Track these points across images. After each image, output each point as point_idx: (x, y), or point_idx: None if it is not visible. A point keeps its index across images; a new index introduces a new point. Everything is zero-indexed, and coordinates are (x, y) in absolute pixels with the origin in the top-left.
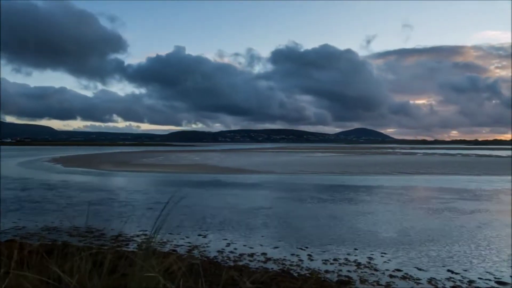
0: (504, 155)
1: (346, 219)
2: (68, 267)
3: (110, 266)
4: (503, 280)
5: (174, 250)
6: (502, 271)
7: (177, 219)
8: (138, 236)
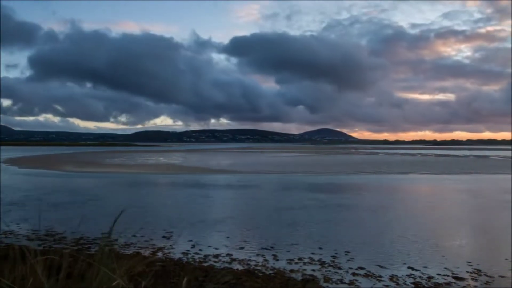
0: (461, 155)
1: (311, 219)
2: (22, 271)
3: (68, 269)
4: (460, 276)
5: (137, 252)
6: (458, 267)
7: (141, 221)
8: (100, 238)
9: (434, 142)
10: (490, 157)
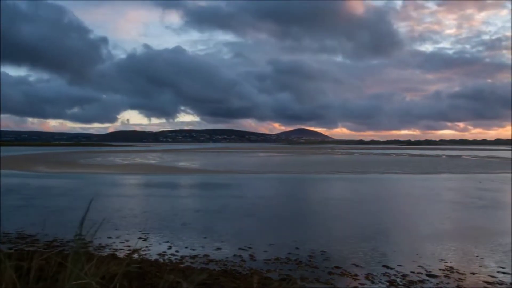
0: (433, 154)
1: (288, 218)
2: None
3: (39, 271)
4: (433, 273)
5: (113, 254)
6: (430, 265)
7: (116, 222)
8: (74, 240)
9: (409, 142)
10: (462, 157)
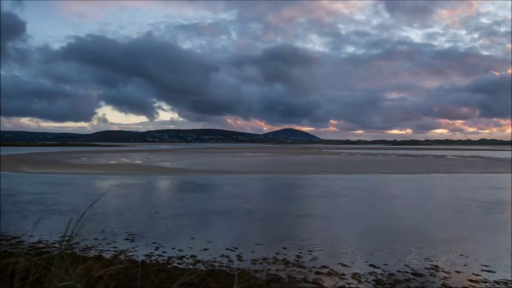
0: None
1: (274, 219)
2: None
3: (24, 273)
4: (419, 272)
5: (99, 255)
6: (417, 264)
7: (102, 223)
8: (59, 242)
9: (395, 142)
10: (446, 157)
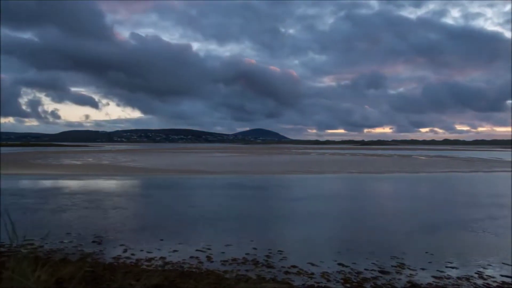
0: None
1: (243, 218)
2: None
3: None
4: (386, 270)
5: (64, 259)
6: (384, 262)
7: (68, 226)
8: (22, 246)
9: (362, 143)
10: (412, 156)
